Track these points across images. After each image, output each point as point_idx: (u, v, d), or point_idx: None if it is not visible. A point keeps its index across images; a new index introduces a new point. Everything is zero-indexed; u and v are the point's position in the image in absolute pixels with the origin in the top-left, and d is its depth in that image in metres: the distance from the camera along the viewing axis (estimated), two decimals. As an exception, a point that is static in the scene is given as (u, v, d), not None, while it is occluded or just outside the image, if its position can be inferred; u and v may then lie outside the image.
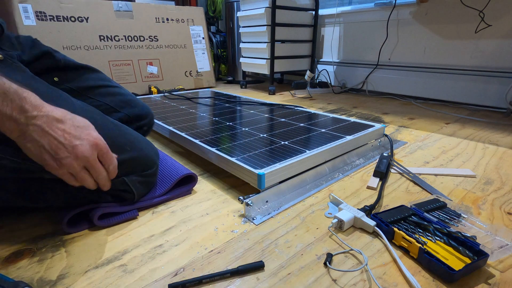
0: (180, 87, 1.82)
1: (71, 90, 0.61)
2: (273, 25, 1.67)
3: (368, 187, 0.64)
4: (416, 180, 0.66)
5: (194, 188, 0.65)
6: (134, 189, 0.53)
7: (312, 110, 1.09)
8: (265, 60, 1.79)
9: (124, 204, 0.53)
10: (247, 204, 0.53)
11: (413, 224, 0.47)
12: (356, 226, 0.50)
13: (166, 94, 1.52)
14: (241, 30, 1.92)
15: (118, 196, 0.53)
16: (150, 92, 1.67)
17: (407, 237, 0.43)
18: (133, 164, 0.53)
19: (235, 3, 2.15)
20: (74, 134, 0.40)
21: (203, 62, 1.97)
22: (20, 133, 0.37)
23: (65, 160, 0.39)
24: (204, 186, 0.66)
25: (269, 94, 1.77)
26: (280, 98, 1.66)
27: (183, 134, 0.81)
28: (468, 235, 0.43)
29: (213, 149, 0.68)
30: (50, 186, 0.47)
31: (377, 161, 0.73)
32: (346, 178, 0.69)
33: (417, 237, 0.44)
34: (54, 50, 0.62)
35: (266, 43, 1.74)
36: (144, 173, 0.54)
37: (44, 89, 0.48)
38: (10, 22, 1.35)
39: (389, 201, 0.58)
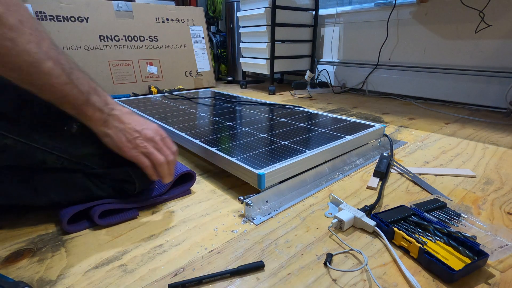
0: (180, 87, 1.82)
1: None
2: (273, 25, 1.67)
3: (368, 187, 0.64)
4: (416, 180, 0.66)
5: (194, 188, 0.65)
6: (136, 178, 0.53)
7: (312, 110, 1.09)
8: (265, 60, 1.79)
9: (125, 202, 0.53)
10: (247, 204, 0.53)
11: (413, 224, 0.47)
12: (356, 226, 0.50)
13: (166, 94, 1.52)
14: (241, 30, 1.92)
15: (119, 189, 0.53)
16: (150, 92, 1.67)
17: (407, 237, 0.43)
18: None
19: (235, 3, 2.15)
20: (141, 123, 0.50)
21: (203, 62, 1.97)
22: (104, 121, 0.46)
23: (137, 139, 0.49)
24: (204, 186, 0.66)
25: (269, 94, 1.77)
26: (280, 98, 1.66)
27: (183, 134, 0.81)
28: (468, 235, 0.43)
29: (213, 149, 0.68)
30: (51, 177, 0.48)
31: (377, 161, 0.73)
32: (346, 178, 0.69)
33: (417, 237, 0.44)
34: None
35: (266, 43, 1.74)
36: None
37: None
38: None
39: (389, 201, 0.58)
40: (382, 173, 0.67)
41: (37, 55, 0.36)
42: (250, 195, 0.54)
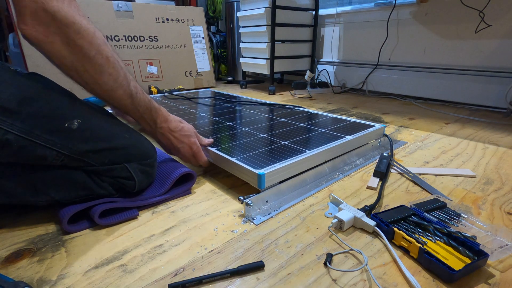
0: (180, 87, 1.82)
1: None
2: (273, 25, 1.67)
3: (368, 187, 0.64)
4: (416, 180, 0.66)
5: (194, 188, 0.65)
6: (135, 175, 0.54)
7: (312, 110, 1.09)
8: (265, 60, 1.78)
9: (125, 202, 0.53)
10: (247, 204, 0.53)
11: (413, 224, 0.47)
12: (356, 226, 0.50)
13: (166, 94, 1.52)
14: (241, 30, 1.92)
15: (119, 186, 0.53)
16: (150, 92, 1.66)
17: (407, 237, 0.43)
18: (132, 151, 0.54)
19: (235, 3, 2.15)
20: (180, 139, 0.63)
21: (203, 62, 1.97)
22: (151, 132, 0.62)
23: (175, 153, 0.66)
24: (204, 186, 0.66)
25: (269, 94, 1.77)
26: (280, 98, 1.66)
27: (183, 134, 0.81)
28: (468, 235, 0.43)
29: (213, 149, 0.68)
30: (51, 175, 0.48)
31: (377, 161, 0.73)
32: (346, 178, 0.69)
33: (417, 237, 0.44)
34: None
35: (266, 43, 1.74)
36: (143, 162, 0.56)
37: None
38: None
39: (389, 201, 0.58)
40: (382, 173, 0.67)
41: (114, 85, 0.50)
42: (250, 195, 0.54)
